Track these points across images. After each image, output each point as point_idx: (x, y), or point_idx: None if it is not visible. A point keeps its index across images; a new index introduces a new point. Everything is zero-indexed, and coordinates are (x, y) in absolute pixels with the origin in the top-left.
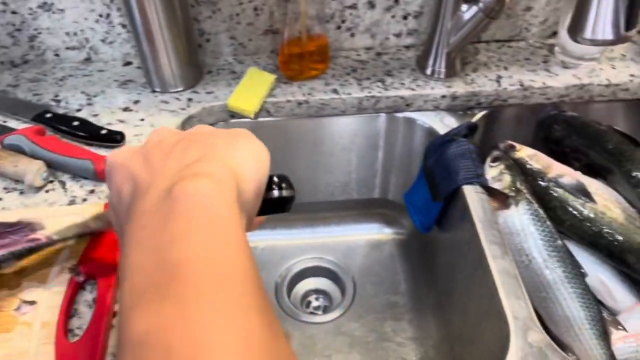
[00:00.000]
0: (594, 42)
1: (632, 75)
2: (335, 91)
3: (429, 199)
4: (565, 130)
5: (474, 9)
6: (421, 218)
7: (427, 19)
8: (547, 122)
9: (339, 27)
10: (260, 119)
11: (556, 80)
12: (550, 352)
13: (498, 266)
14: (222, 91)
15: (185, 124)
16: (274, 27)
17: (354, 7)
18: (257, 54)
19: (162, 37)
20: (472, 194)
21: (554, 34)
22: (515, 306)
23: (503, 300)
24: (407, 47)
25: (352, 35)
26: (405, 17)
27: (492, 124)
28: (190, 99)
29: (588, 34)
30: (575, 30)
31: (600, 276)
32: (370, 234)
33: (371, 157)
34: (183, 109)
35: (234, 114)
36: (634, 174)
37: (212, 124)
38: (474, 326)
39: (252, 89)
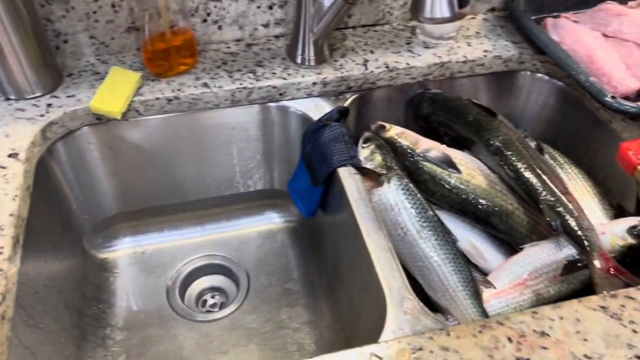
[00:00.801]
0: (433, 20)
1: (485, 51)
2: (206, 85)
3: (310, 184)
4: (431, 107)
5: None
6: (305, 204)
7: (293, 8)
8: (414, 101)
9: (205, 21)
10: (136, 119)
11: (419, 61)
12: (423, 316)
13: (373, 242)
14: (85, 94)
15: (46, 131)
16: (137, 24)
17: None
18: (122, 52)
19: (8, 41)
20: (346, 176)
21: None
22: (390, 278)
23: (379, 274)
24: (277, 36)
25: (220, 27)
26: (270, 7)
27: (364, 107)
28: (49, 105)
29: (427, 13)
30: (416, 10)
31: (471, 240)
32: (261, 225)
33: (252, 149)
34: (42, 115)
35: (100, 117)
36: (492, 142)
37: (77, 129)
38: (358, 302)
39: (116, 89)
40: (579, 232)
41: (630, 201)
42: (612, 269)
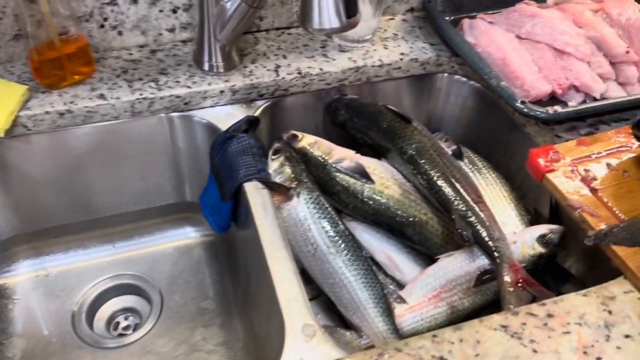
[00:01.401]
0: (322, 31)
1: (402, 54)
2: (102, 96)
3: (220, 199)
4: (347, 113)
5: None
6: (216, 219)
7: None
8: (331, 107)
9: (102, 26)
10: (25, 135)
11: (333, 65)
12: (323, 343)
13: (276, 263)
14: None
15: None
16: (23, 31)
17: (113, 3)
18: (11, 62)
19: None
20: (252, 191)
21: None
22: (291, 302)
23: (279, 298)
24: (185, 41)
25: (120, 33)
26: (174, 11)
27: (277, 114)
28: None
29: (315, 24)
30: (304, 20)
31: (387, 251)
32: (176, 241)
33: (159, 161)
34: None
35: None
36: (405, 150)
37: None
38: (266, 323)
39: None
40: (490, 243)
41: (545, 206)
42: (521, 281)
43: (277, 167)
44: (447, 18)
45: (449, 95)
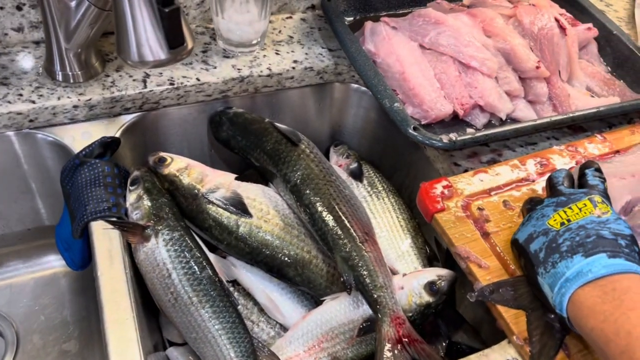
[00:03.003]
0: (145, 64)
1: (295, 62)
2: None
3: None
4: (230, 129)
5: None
6: (71, 255)
7: None
8: (214, 121)
9: None
10: None
11: (213, 75)
12: None
13: (113, 324)
14: None
15: None
16: None
17: None
18: None
19: None
20: (99, 232)
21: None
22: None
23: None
24: (37, 43)
25: None
26: (19, 8)
27: (150, 131)
28: None
29: (135, 56)
30: (122, 52)
31: (268, 292)
32: (38, 271)
33: (10, 183)
34: None
35: None
36: (289, 177)
37: None
38: None
39: None
40: (372, 292)
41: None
42: (403, 338)
43: (134, 201)
44: (350, 18)
45: (350, 106)
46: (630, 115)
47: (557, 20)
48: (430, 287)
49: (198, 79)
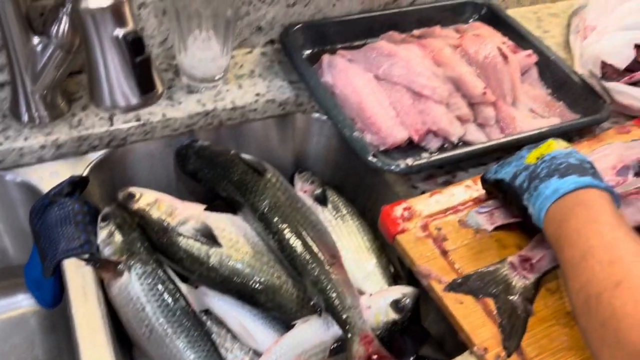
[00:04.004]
0: (120, 109)
1: (258, 95)
2: None
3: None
4: (197, 162)
5: (47, 42)
6: (41, 294)
7: None
8: (181, 155)
9: None
10: None
11: (179, 110)
12: None
13: (88, 357)
14: None
15: None
16: None
17: None
18: None
19: None
20: (72, 270)
21: None
22: None
23: None
24: (2, 84)
25: None
26: None
27: (117, 167)
28: None
29: (108, 102)
30: (95, 99)
31: (240, 319)
32: (6, 311)
33: None
34: None
35: None
36: (257, 206)
37: None
38: None
39: None
40: (341, 313)
41: None
42: (372, 356)
43: (106, 237)
44: (308, 51)
45: (312, 135)
46: (570, 134)
47: (499, 48)
48: (395, 305)
49: (164, 115)
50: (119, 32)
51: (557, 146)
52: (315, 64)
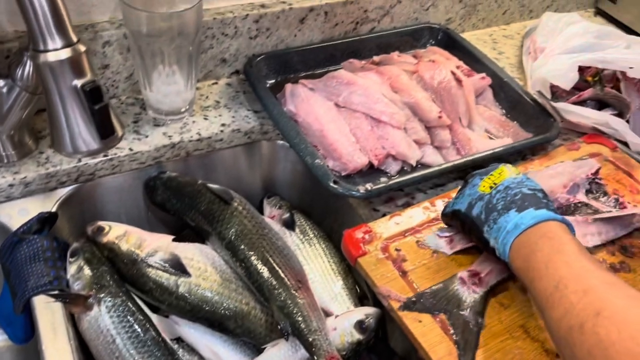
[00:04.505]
0: (82, 154)
1: (223, 125)
2: None
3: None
4: (165, 193)
5: (12, 85)
6: (13, 330)
7: None
8: (149, 186)
9: None
10: None
11: (145, 144)
12: None
13: None
14: None
15: None
16: None
17: None
18: None
19: None
20: (41, 307)
21: None
22: None
23: None
24: None
25: None
26: None
27: (87, 202)
28: None
29: (69, 148)
30: (57, 145)
31: (211, 345)
32: None
33: None
34: None
35: None
36: (224, 234)
37: None
38: None
39: None
40: (307, 336)
41: None
42: None
43: (75, 272)
44: (272, 80)
45: (278, 161)
46: (524, 152)
47: (453, 73)
48: (359, 325)
49: (131, 149)
50: (78, 82)
51: (508, 174)
52: (279, 93)
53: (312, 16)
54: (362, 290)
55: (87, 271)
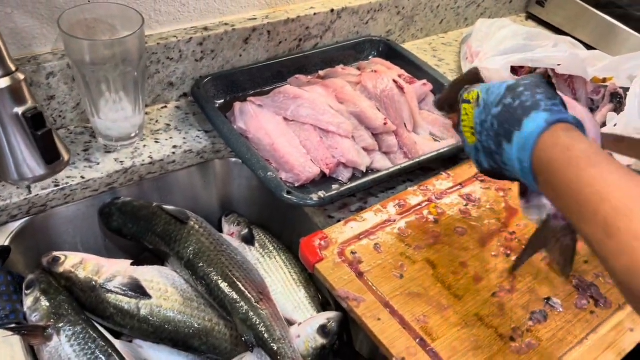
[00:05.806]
0: (28, 180)
1: (175, 147)
2: None
3: None
4: (120, 219)
5: None
6: None
7: None
8: (104, 213)
9: None
10: None
11: (97, 171)
12: None
13: None
14: None
15: None
16: None
17: None
18: None
19: None
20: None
21: None
22: None
23: None
24: None
25: None
26: None
27: (40, 234)
28: None
29: (15, 175)
30: (2, 174)
31: None
32: None
33: None
34: None
35: None
36: (182, 254)
37: None
38: None
39: None
40: (271, 345)
41: None
42: None
43: (32, 304)
44: (221, 100)
45: (233, 178)
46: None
47: (395, 81)
48: (322, 330)
49: (83, 177)
50: (19, 109)
51: (472, 107)
52: (228, 112)
53: (255, 36)
54: (324, 297)
55: (44, 302)
